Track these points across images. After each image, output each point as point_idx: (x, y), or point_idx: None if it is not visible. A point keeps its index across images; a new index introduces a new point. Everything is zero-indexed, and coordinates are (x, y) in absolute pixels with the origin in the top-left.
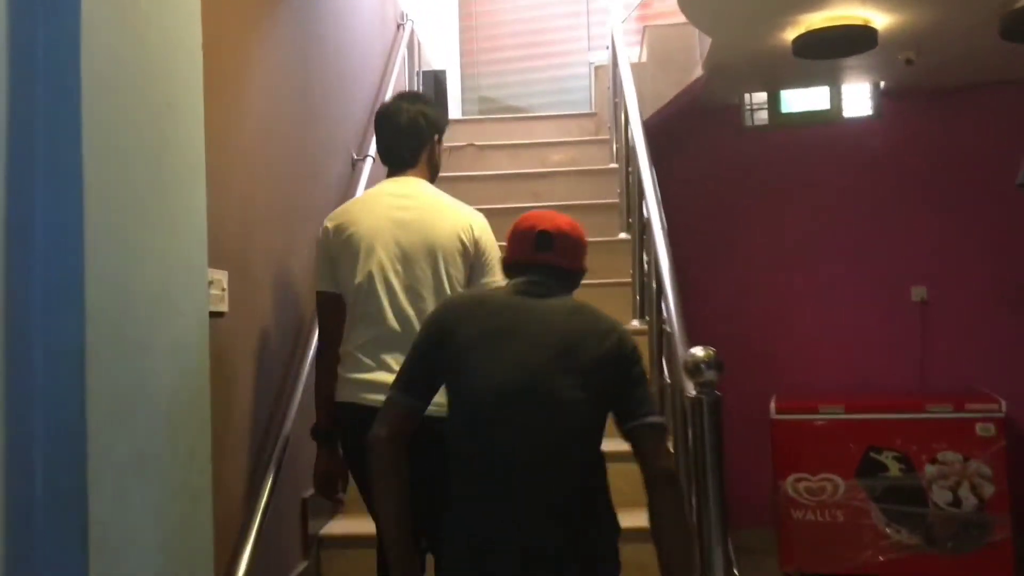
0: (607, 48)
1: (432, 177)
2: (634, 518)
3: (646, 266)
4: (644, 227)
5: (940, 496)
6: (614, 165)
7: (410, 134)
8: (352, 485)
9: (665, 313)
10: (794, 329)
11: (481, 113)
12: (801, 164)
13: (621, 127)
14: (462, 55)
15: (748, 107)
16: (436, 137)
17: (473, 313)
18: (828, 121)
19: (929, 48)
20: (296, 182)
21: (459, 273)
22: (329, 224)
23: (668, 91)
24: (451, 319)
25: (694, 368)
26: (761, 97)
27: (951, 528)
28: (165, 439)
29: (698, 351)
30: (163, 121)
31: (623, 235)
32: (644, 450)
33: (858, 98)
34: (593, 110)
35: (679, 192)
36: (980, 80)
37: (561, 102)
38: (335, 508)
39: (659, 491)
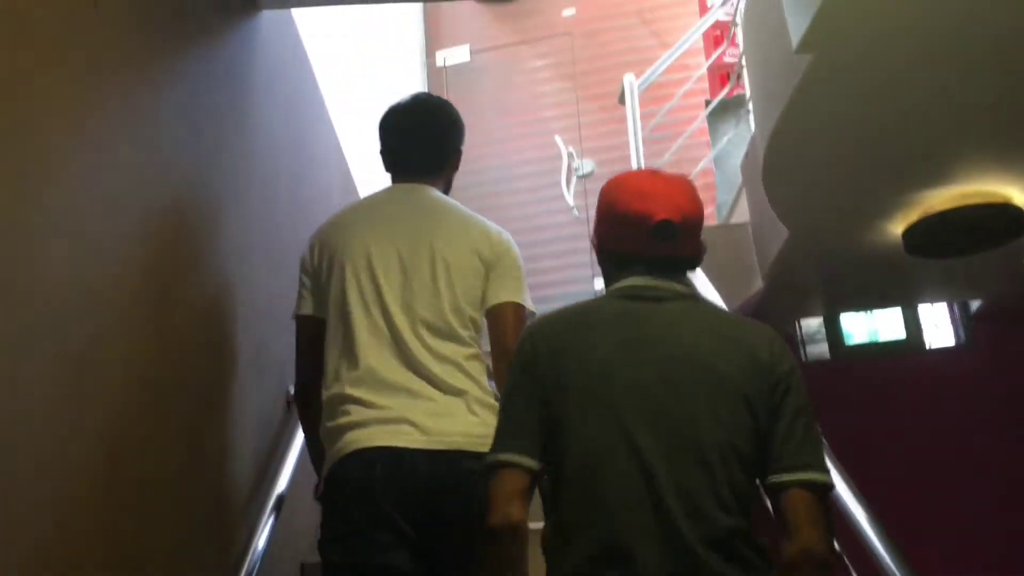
0: None
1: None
2: None
3: None
4: None
5: None
6: None
7: (443, 135)
8: None
9: None
10: None
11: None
12: (880, 405)
13: None
14: None
15: (801, 339)
16: (460, 150)
17: (579, 336)
18: (906, 354)
19: None
20: (177, 432)
21: (473, 291)
22: (315, 240)
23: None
24: (550, 348)
25: None
26: (813, 325)
27: None
28: None
29: None
30: None
31: None
32: (795, 519)
33: (938, 322)
34: None
35: None
36: None
37: None
38: None
39: None
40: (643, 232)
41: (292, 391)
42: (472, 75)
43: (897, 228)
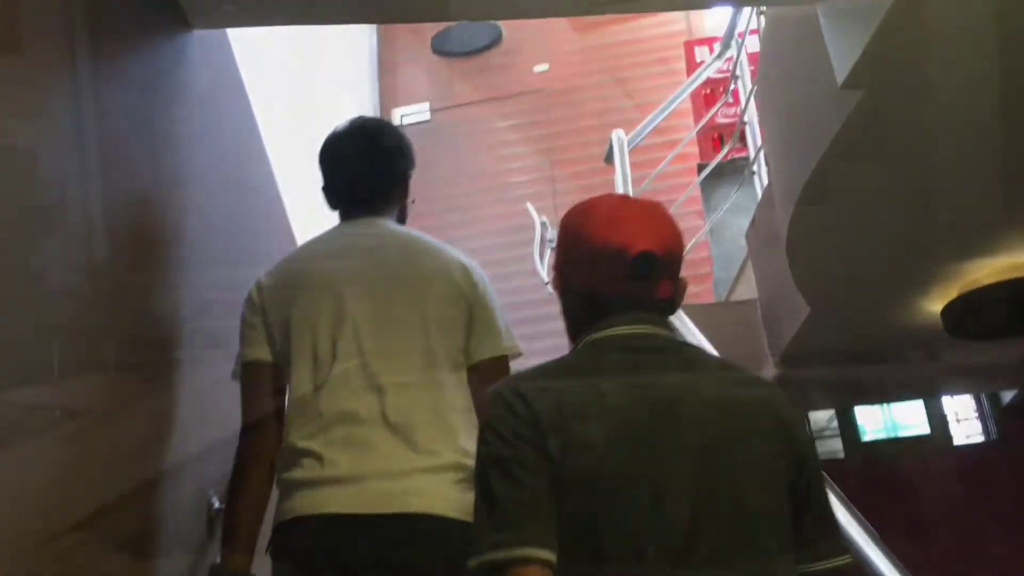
0: None
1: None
2: None
3: None
4: None
5: None
6: None
7: (390, 160)
8: None
9: None
10: None
11: None
12: (904, 508)
13: None
14: None
15: (809, 434)
16: (410, 176)
17: (588, 399)
18: (931, 451)
19: None
20: None
21: (455, 333)
22: (265, 280)
23: None
24: (552, 412)
25: None
26: (822, 419)
27: None
28: None
29: None
30: None
31: None
32: None
33: (960, 414)
34: None
35: None
36: None
37: None
38: None
39: None
40: (620, 268)
41: (215, 504)
42: (432, 135)
43: (934, 305)
